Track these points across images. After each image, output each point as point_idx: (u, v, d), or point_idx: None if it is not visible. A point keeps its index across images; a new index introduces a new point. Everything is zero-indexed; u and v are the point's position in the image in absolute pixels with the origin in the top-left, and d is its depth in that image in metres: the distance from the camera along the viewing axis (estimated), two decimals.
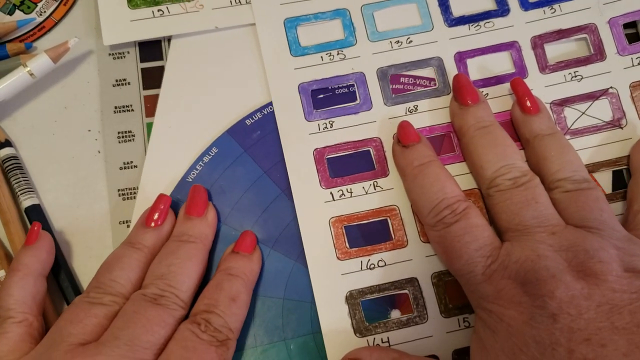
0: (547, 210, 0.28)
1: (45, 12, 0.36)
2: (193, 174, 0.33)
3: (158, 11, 0.34)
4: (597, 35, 0.34)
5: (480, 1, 0.35)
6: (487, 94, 0.33)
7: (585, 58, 0.34)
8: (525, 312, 0.25)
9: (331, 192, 0.32)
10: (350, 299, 0.30)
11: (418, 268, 0.31)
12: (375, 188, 0.32)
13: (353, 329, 0.30)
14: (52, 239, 0.31)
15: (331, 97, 0.33)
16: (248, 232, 0.31)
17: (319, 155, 0.32)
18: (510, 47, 0.34)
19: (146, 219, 0.30)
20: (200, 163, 0.33)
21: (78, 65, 0.35)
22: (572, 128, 0.33)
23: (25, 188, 0.32)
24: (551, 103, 0.33)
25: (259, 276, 0.31)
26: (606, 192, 0.32)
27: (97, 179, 0.33)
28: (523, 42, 0.34)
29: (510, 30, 0.34)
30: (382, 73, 0.33)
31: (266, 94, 0.34)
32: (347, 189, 0.32)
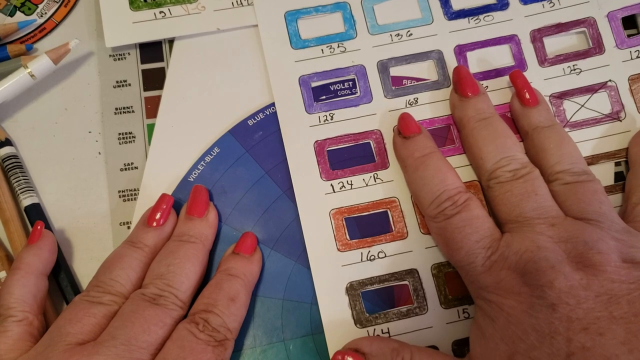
0: (547, 202, 0.28)
1: (46, 14, 0.36)
2: (195, 174, 0.33)
3: (160, 13, 0.35)
4: (596, 28, 0.34)
5: None
6: (487, 87, 0.33)
7: (584, 51, 0.34)
8: (524, 302, 0.25)
9: (332, 184, 0.32)
10: (350, 290, 0.30)
11: (418, 259, 0.31)
12: (375, 180, 0.32)
13: (353, 320, 0.30)
14: (54, 238, 0.31)
15: (332, 90, 0.33)
16: (248, 234, 0.31)
17: (320, 147, 0.32)
18: (509, 41, 0.34)
19: (148, 219, 0.30)
20: (202, 163, 0.33)
21: (79, 66, 0.35)
22: (572, 121, 0.33)
23: (25, 187, 0.32)
24: (550, 96, 0.33)
25: (259, 276, 0.31)
26: (607, 184, 0.32)
27: (98, 181, 0.33)
28: (522, 36, 0.34)
29: (509, 23, 0.34)
30: (383, 66, 0.34)
31: (268, 95, 0.34)
32: (348, 181, 0.32)
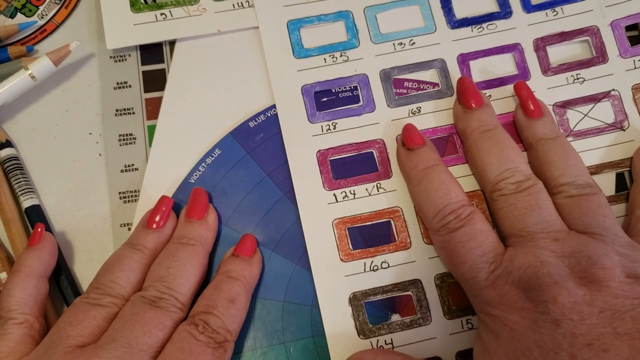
0: (551, 216, 0.28)
1: (46, 15, 0.36)
2: (195, 176, 0.33)
3: (161, 15, 0.34)
4: (599, 37, 0.34)
5: (482, 3, 0.35)
6: (490, 96, 0.33)
7: (587, 60, 0.34)
8: (528, 317, 0.25)
9: (334, 194, 0.32)
10: (353, 301, 0.30)
11: (421, 270, 0.31)
12: (378, 189, 0.32)
13: (357, 331, 0.30)
14: (55, 241, 0.31)
15: (334, 99, 0.33)
16: (248, 236, 0.31)
17: (322, 156, 0.32)
18: (512, 49, 0.34)
19: (148, 221, 0.30)
20: (203, 164, 0.33)
21: (79, 68, 0.35)
22: (575, 130, 0.33)
23: (25, 188, 0.32)
24: (553, 105, 0.33)
25: (260, 278, 0.31)
26: (609, 194, 0.32)
27: (98, 182, 0.33)
28: (525, 44, 0.34)
29: (512, 32, 0.34)
30: (385, 75, 0.33)
31: (270, 97, 0.34)
32: (350, 191, 0.32)
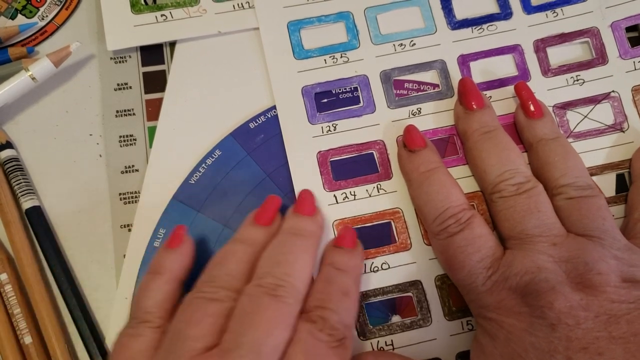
0: (550, 219, 0.28)
1: (47, 17, 0.36)
2: (196, 176, 0.33)
3: (161, 16, 0.34)
4: (599, 39, 0.34)
5: (483, 4, 0.35)
6: (491, 97, 0.33)
7: (587, 62, 0.34)
8: (524, 321, 0.25)
9: (334, 195, 0.32)
10: None
11: (422, 271, 0.31)
12: (378, 191, 0.32)
13: (357, 332, 0.30)
14: (194, 245, 0.30)
15: (335, 100, 0.33)
16: (348, 227, 0.31)
17: (323, 158, 0.32)
18: (513, 50, 0.34)
19: (256, 217, 0.30)
20: (203, 165, 0.33)
21: (79, 69, 0.35)
22: (575, 131, 0.33)
23: (25, 189, 0.32)
24: (553, 106, 0.33)
25: None
26: (609, 195, 0.32)
27: (99, 183, 0.33)
28: (526, 46, 0.34)
29: (513, 33, 0.34)
30: (386, 76, 0.33)
31: (270, 98, 0.34)
32: (351, 192, 0.32)
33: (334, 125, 0.33)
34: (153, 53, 0.35)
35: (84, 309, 0.31)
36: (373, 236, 0.31)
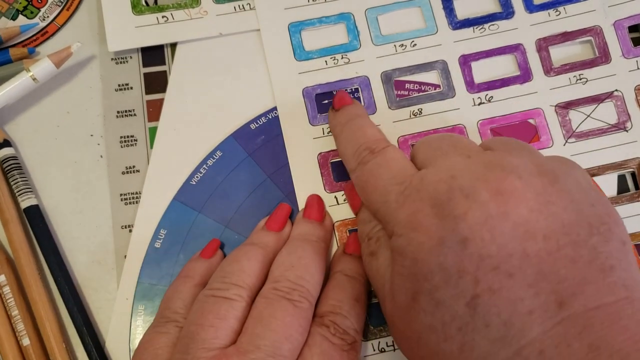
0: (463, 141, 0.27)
1: (48, 17, 0.36)
2: (197, 177, 0.33)
3: (162, 17, 0.34)
4: (602, 37, 0.34)
5: (484, 4, 0.35)
6: (492, 97, 0.33)
7: (590, 61, 0.34)
8: (434, 237, 0.23)
9: (335, 196, 0.32)
10: None
11: None
12: None
13: None
14: (223, 258, 0.31)
15: None
16: (356, 234, 0.30)
17: (323, 159, 0.32)
18: (515, 50, 0.34)
19: (268, 223, 0.31)
20: (204, 166, 0.33)
21: (80, 70, 0.35)
22: (577, 131, 0.33)
23: (23, 188, 0.32)
24: (556, 106, 0.33)
25: None
26: (611, 196, 0.32)
27: (99, 184, 0.33)
28: (528, 45, 0.34)
29: (514, 32, 0.34)
30: (387, 77, 0.33)
31: (271, 99, 0.34)
32: None
33: None
34: (154, 54, 0.35)
35: (83, 311, 0.31)
36: None
